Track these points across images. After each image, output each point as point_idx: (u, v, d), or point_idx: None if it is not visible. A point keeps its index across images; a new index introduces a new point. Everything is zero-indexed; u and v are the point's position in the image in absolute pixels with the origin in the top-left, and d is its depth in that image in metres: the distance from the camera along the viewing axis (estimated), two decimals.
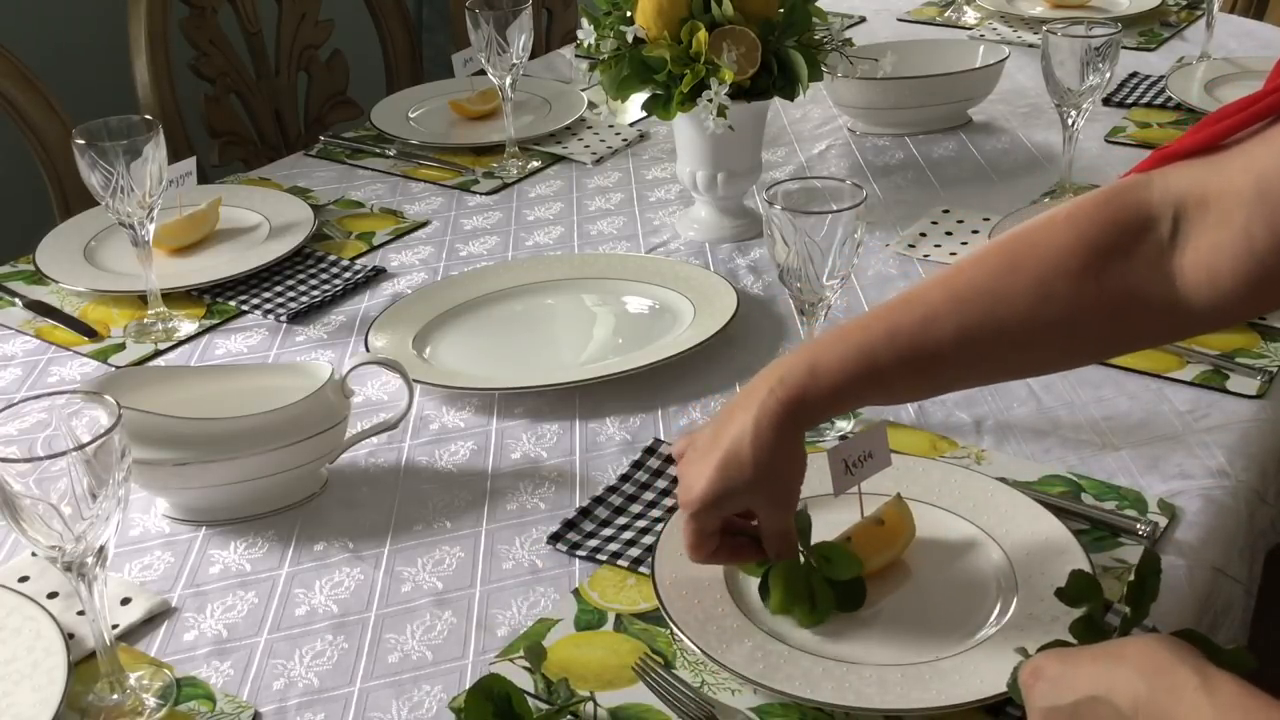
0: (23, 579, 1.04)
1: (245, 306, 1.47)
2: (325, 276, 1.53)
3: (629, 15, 1.44)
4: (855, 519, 1.00)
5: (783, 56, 1.45)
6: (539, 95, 2.02)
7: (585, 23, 1.49)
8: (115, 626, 0.98)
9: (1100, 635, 0.85)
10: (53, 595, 1.02)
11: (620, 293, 1.45)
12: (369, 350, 1.32)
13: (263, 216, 1.65)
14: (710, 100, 1.39)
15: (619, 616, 0.98)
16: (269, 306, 1.46)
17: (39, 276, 1.52)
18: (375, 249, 1.60)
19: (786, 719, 0.88)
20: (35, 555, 1.05)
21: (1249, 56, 2.06)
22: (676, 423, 1.22)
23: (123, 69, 1.96)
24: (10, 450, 0.82)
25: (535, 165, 1.81)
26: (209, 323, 1.44)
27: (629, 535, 1.06)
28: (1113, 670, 0.71)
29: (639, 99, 1.50)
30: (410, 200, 1.73)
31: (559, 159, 1.84)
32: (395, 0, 2.28)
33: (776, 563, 0.95)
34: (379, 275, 1.53)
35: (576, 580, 1.02)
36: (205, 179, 1.86)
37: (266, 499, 1.11)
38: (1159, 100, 1.93)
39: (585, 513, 1.09)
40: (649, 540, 1.04)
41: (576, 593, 1.01)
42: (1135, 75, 2.03)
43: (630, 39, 1.43)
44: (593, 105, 1.98)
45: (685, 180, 1.57)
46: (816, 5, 1.49)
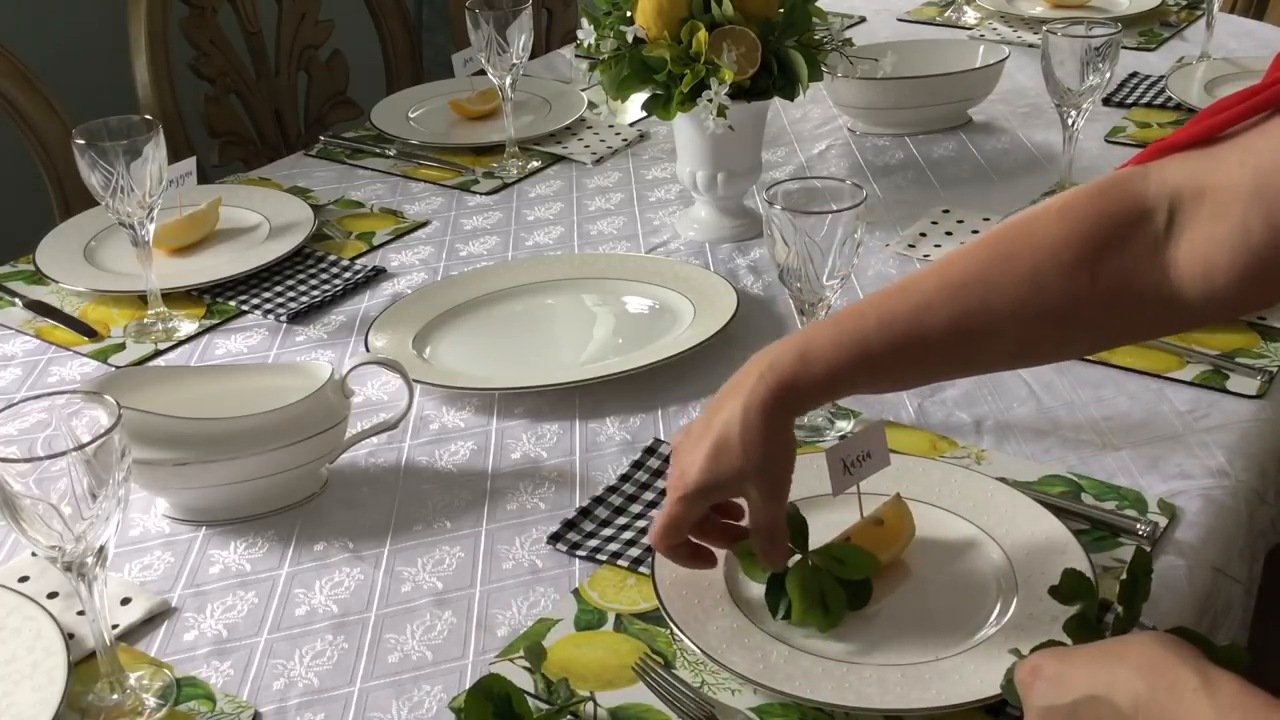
0: (23, 579, 1.04)
1: (245, 306, 1.47)
2: (325, 276, 1.53)
3: (629, 15, 1.44)
4: (855, 519, 1.00)
5: (783, 56, 1.45)
6: (539, 95, 2.02)
7: (585, 23, 1.49)
8: (115, 626, 0.98)
9: (1094, 633, 0.85)
10: (53, 595, 1.02)
11: (620, 293, 1.45)
12: (369, 350, 1.32)
13: (263, 216, 1.65)
14: (710, 100, 1.39)
15: (619, 616, 0.98)
16: (269, 306, 1.46)
17: (39, 276, 1.52)
18: (375, 249, 1.60)
19: (786, 719, 0.88)
20: (35, 555, 1.05)
21: (1249, 56, 2.06)
22: (676, 422, 1.22)
23: (123, 69, 1.96)
24: (10, 450, 0.82)
25: (535, 165, 1.81)
26: (209, 323, 1.44)
27: (629, 535, 1.06)
28: (1112, 669, 0.71)
29: (639, 99, 1.50)
30: (410, 200, 1.73)
31: (559, 159, 1.84)
32: (395, 0, 2.28)
33: (768, 564, 0.94)
34: (379, 275, 1.53)
35: (576, 580, 1.02)
36: (205, 179, 1.86)
37: (266, 499, 1.11)
38: (1159, 100, 1.93)
39: (585, 513, 1.09)
40: (649, 540, 1.04)
41: (576, 593, 1.01)
42: (1135, 75, 2.03)
43: (630, 39, 1.43)
44: (593, 105, 1.98)
45: (685, 180, 1.57)
46: (816, 5, 1.49)
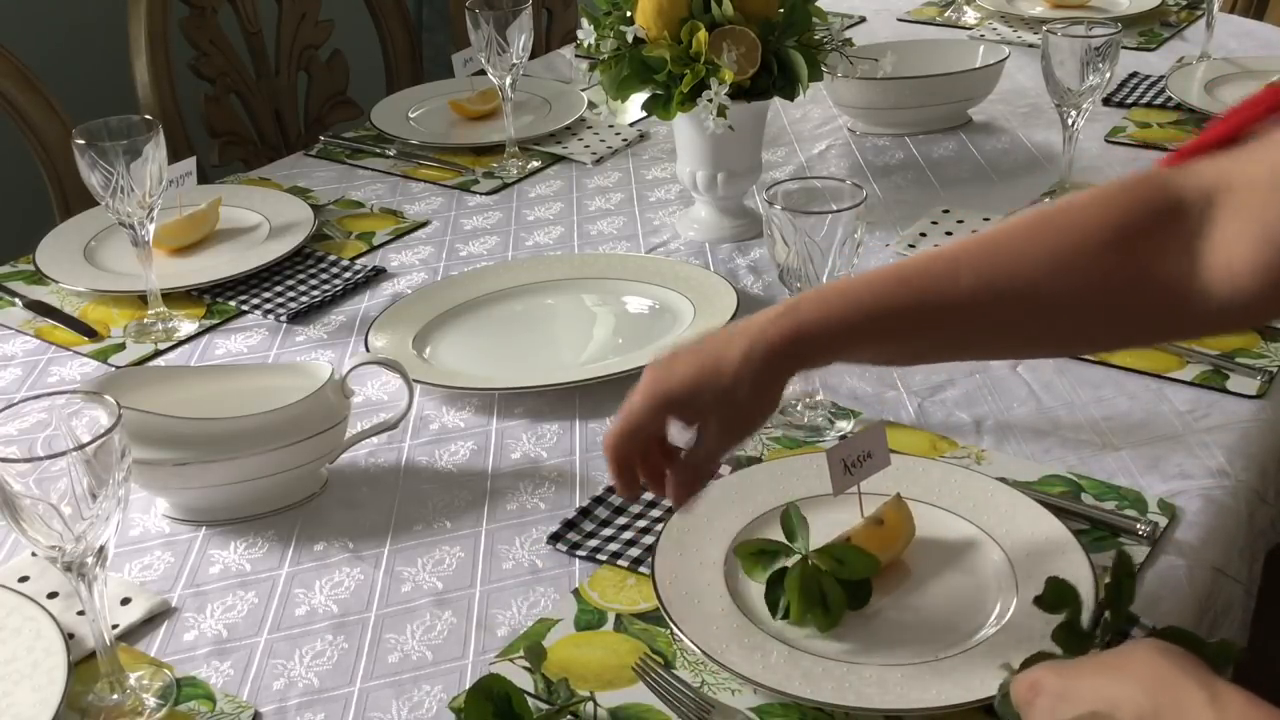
0: (23, 579, 1.04)
1: (245, 306, 1.47)
2: (325, 276, 1.53)
3: (629, 15, 1.44)
4: (855, 519, 1.00)
5: (783, 56, 1.45)
6: (539, 95, 2.02)
7: (585, 23, 1.49)
8: (115, 626, 0.98)
9: (1084, 639, 0.85)
10: (53, 595, 1.02)
11: (620, 293, 1.45)
12: (369, 350, 1.32)
13: (263, 216, 1.65)
14: (710, 100, 1.39)
15: (619, 616, 0.98)
16: (269, 306, 1.46)
17: (39, 276, 1.52)
18: (375, 249, 1.60)
19: (786, 719, 0.88)
20: (35, 555, 1.05)
21: (1249, 56, 2.06)
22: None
23: (123, 69, 1.96)
24: (10, 450, 0.82)
25: (535, 165, 1.81)
26: (209, 323, 1.44)
27: (629, 535, 1.06)
28: (1116, 684, 0.70)
29: (639, 99, 1.50)
30: (410, 200, 1.73)
31: (559, 159, 1.84)
32: (395, 0, 2.28)
33: (674, 501, 0.93)
34: (379, 275, 1.53)
35: (576, 580, 1.02)
36: (205, 179, 1.86)
37: (266, 499, 1.11)
38: (1159, 100, 1.93)
39: (585, 513, 1.09)
40: (649, 540, 1.04)
41: (576, 593, 1.01)
42: (1135, 75, 2.03)
43: (630, 39, 1.43)
44: (593, 105, 1.98)
45: (685, 180, 1.57)
46: (816, 5, 1.49)
